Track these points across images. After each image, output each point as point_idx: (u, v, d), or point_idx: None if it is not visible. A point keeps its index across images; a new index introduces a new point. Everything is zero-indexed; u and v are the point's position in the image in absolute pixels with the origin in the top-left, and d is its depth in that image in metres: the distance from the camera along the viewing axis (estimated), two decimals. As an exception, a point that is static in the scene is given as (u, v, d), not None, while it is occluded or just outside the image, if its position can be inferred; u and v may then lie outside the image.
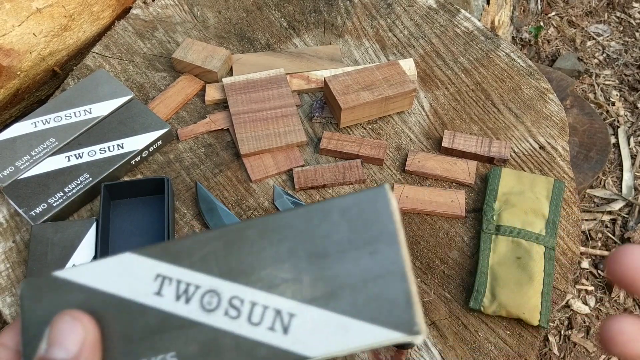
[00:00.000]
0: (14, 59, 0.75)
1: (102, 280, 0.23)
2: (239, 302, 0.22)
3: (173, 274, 0.23)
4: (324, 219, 0.22)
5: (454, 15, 0.84)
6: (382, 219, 0.22)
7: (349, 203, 0.22)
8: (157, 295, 0.23)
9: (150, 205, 0.63)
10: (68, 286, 0.23)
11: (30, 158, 0.65)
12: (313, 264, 0.22)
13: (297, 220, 0.23)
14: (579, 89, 1.54)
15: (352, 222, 0.22)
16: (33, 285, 0.24)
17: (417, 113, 0.73)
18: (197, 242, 0.23)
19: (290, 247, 0.22)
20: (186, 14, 0.85)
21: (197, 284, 0.23)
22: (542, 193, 0.63)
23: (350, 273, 0.22)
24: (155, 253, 0.23)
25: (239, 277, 0.22)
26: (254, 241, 0.23)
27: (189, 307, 0.22)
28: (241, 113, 0.71)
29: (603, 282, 1.22)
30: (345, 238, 0.22)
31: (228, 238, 0.23)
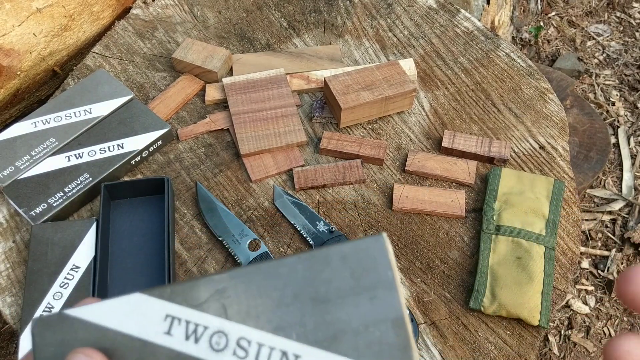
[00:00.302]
0: (14, 59, 0.75)
1: (113, 319, 0.24)
2: (246, 342, 0.23)
3: (182, 314, 0.24)
4: (326, 266, 0.24)
5: (454, 15, 0.84)
6: (380, 266, 0.23)
7: (349, 250, 0.24)
8: (167, 335, 0.24)
9: (150, 205, 0.63)
10: (79, 324, 0.24)
11: (30, 158, 0.65)
12: (316, 308, 0.23)
13: (301, 266, 0.24)
14: (579, 89, 1.54)
15: (352, 268, 0.24)
16: (44, 322, 0.24)
17: (417, 113, 0.73)
18: (204, 284, 0.24)
19: (294, 291, 0.24)
20: (186, 14, 0.85)
21: (206, 325, 0.24)
22: (542, 193, 0.63)
23: (351, 317, 0.23)
24: (164, 294, 0.24)
25: (246, 319, 0.23)
26: (260, 285, 0.24)
27: (198, 346, 0.23)
28: (241, 113, 0.71)
29: (603, 282, 1.21)
30: (346, 284, 0.23)
31: (235, 281, 0.24)
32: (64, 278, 0.56)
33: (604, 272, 1.22)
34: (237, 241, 0.60)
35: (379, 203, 0.65)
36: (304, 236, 0.61)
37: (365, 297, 0.23)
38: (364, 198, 0.65)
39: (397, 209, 0.64)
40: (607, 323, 1.16)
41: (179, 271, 0.60)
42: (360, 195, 0.66)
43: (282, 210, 0.64)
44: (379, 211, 0.64)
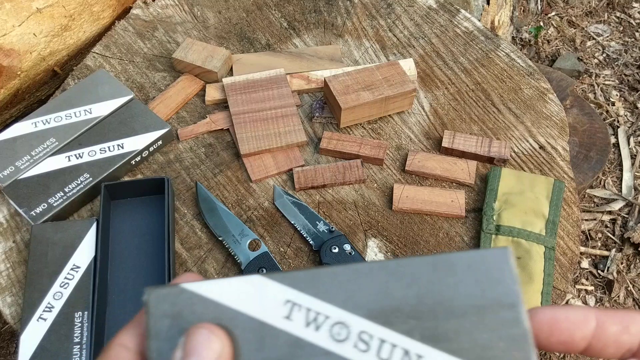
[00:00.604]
0: (14, 59, 0.75)
1: (231, 297, 0.24)
2: (367, 337, 0.23)
3: (302, 301, 0.24)
4: (452, 271, 0.24)
5: (454, 15, 0.84)
6: (507, 279, 0.23)
7: (476, 259, 0.24)
8: (287, 319, 0.24)
9: (151, 205, 0.63)
10: (196, 299, 0.24)
11: (30, 158, 0.65)
12: (440, 311, 0.23)
13: (426, 268, 0.24)
14: (579, 89, 1.54)
15: (478, 278, 0.24)
16: (160, 293, 0.24)
17: (417, 113, 0.73)
18: (327, 274, 0.24)
19: (418, 292, 0.24)
20: (186, 14, 0.85)
21: (327, 314, 0.23)
22: (542, 193, 0.63)
23: (475, 326, 0.23)
24: (285, 279, 0.24)
25: (368, 313, 0.23)
26: (383, 282, 0.24)
27: (319, 334, 0.23)
28: (241, 113, 0.71)
29: (603, 282, 1.22)
30: (471, 292, 0.23)
31: (358, 275, 0.24)
32: (64, 278, 0.56)
33: (604, 272, 1.22)
34: (237, 241, 0.60)
35: (379, 203, 0.65)
36: (304, 236, 0.61)
37: (490, 308, 0.23)
38: (364, 198, 0.65)
39: (397, 209, 0.64)
40: (607, 323, 1.16)
41: (179, 271, 0.60)
42: (360, 195, 0.66)
43: (282, 210, 0.64)
44: (379, 211, 0.64)
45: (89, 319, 0.54)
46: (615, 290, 1.20)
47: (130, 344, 0.24)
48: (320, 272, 0.24)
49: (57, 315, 0.54)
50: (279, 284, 0.24)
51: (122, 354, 0.24)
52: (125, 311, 0.56)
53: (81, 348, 0.52)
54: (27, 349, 0.52)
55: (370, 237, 0.62)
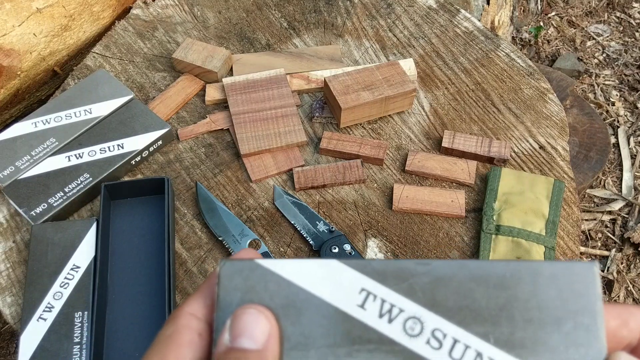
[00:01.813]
0: (14, 59, 0.75)
1: (305, 279, 0.24)
2: (441, 334, 0.23)
3: (378, 292, 0.24)
4: (533, 280, 0.24)
5: (454, 15, 0.84)
6: (590, 294, 0.23)
7: (560, 271, 0.24)
8: (360, 308, 0.23)
9: (151, 205, 0.63)
10: (270, 276, 0.24)
11: (30, 158, 0.65)
12: (518, 318, 0.23)
13: (508, 274, 0.24)
14: (579, 89, 1.54)
15: (561, 289, 0.23)
16: (234, 266, 0.24)
17: (417, 113, 0.73)
18: (405, 267, 0.24)
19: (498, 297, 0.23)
20: (186, 14, 0.85)
21: (401, 308, 0.23)
22: (542, 193, 0.63)
23: (552, 336, 0.23)
24: (362, 267, 0.24)
25: (444, 312, 0.23)
26: (463, 282, 0.24)
27: (392, 327, 0.23)
28: (241, 113, 0.71)
29: (603, 282, 1.22)
30: (552, 302, 0.23)
31: (438, 272, 0.24)
32: (64, 278, 0.56)
33: (604, 272, 1.22)
34: (237, 241, 0.60)
35: (379, 203, 0.65)
36: (304, 236, 0.61)
37: (570, 320, 0.23)
38: (364, 198, 0.65)
39: (397, 209, 0.64)
40: (607, 323, 1.16)
41: (179, 271, 0.60)
42: (360, 195, 0.66)
43: (282, 210, 0.64)
44: (379, 211, 0.64)
45: (89, 319, 0.54)
46: (615, 290, 1.20)
47: (200, 314, 0.24)
48: (400, 264, 0.24)
49: (57, 315, 0.54)
50: (355, 271, 0.24)
51: (193, 323, 0.23)
52: (125, 311, 0.56)
53: (81, 348, 0.52)
54: (27, 349, 0.52)
55: (370, 237, 0.62)
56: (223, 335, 0.22)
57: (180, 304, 0.24)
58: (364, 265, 0.24)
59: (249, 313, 0.23)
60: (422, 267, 0.24)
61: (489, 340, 0.23)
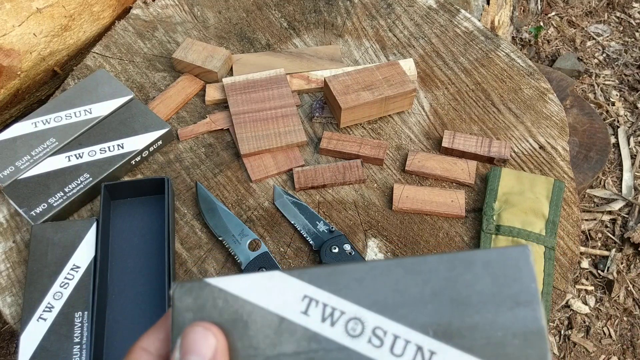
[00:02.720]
0: (14, 59, 0.75)
1: (252, 292, 0.25)
2: (382, 332, 0.23)
3: (319, 297, 0.24)
4: (468, 269, 0.24)
5: (454, 15, 0.84)
6: (524, 277, 0.24)
7: (493, 257, 0.24)
8: (304, 314, 0.24)
9: (150, 205, 0.63)
10: (219, 293, 0.25)
11: (30, 158, 0.65)
12: (455, 309, 0.23)
13: (442, 266, 0.24)
14: (579, 89, 1.54)
15: (495, 276, 0.24)
16: (184, 287, 0.25)
17: (417, 113, 0.73)
18: (344, 271, 0.25)
19: (434, 290, 0.24)
20: (186, 14, 0.85)
21: (342, 310, 0.24)
22: (542, 193, 0.63)
23: (490, 323, 0.23)
24: (303, 275, 0.25)
25: (383, 310, 0.24)
26: (399, 279, 0.24)
27: (334, 329, 0.24)
28: (241, 113, 0.71)
29: (603, 282, 1.22)
30: (488, 290, 0.24)
31: (375, 272, 0.24)
32: (64, 278, 0.56)
33: (604, 272, 1.22)
34: (237, 241, 0.60)
35: (379, 203, 0.65)
36: (304, 236, 0.61)
37: (507, 305, 0.23)
38: (364, 198, 0.65)
39: (397, 209, 0.64)
40: (607, 323, 1.16)
41: (179, 271, 0.60)
42: (360, 195, 0.66)
43: (282, 210, 0.64)
44: (379, 211, 0.64)
45: (89, 319, 0.54)
46: (615, 290, 1.20)
47: (152, 348, 0.25)
48: (337, 269, 0.25)
49: (57, 315, 0.54)
50: (297, 279, 0.25)
51: (144, 358, 0.24)
52: (125, 311, 0.56)
53: (81, 348, 0.52)
54: (27, 349, 0.52)
55: (370, 237, 0.62)
56: (174, 354, 0.23)
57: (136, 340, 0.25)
58: (305, 273, 0.25)
59: (195, 331, 0.23)
60: (360, 269, 0.25)
61: (428, 333, 0.23)
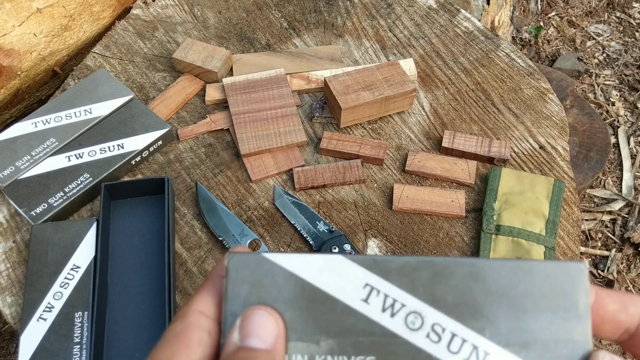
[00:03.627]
0: (14, 59, 0.75)
1: (312, 272, 0.24)
2: (440, 329, 0.24)
3: (381, 287, 0.24)
4: (529, 277, 0.25)
5: (454, 15, 0.84)
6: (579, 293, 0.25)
7: (552, 269, 0.25)
8: (364, 302, 0.24)
9: (151, 205, 0.63)
10: (277, 269, 0.24)
11: (30, 158, 0.65)
12: (512, 314, 0.24)
13: (505, 272, 0.25)
14: (579, 89, 1.54)
15: (552, 287, 0.25)
16: (241, 259, 0.25)
17: (417, 113, 0.73)
18: (407, 264, 0.25)
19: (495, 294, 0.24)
20: (186, 14, 0.85)
21: (403, 303, 0.24)
22: (542, 193, 0.63)
23: (544, 331, 0.24)
24: (366, 263, 0.25)
25: (443, 307, 0.24)
26: (461, 279, 0.25)
27: (394, 321, 0.24)
28: (241, 113, 0.71)
29: (603, 282, 1.22)
30: (544, 300, 0.24)
31: (437, 269, 0.25)
32: (64, 278, 0.56)
33: (604, 272, 1.22)
34: (237, 241, 0.60)
35: (379, 203, 0.65)
36: (304, 236, 0.61)
37: (560, 316, 0.24)
38: (364, 198, 0.65)
39: (397, 209, 0.64)
40: (607, 323, 1.16)
41: (179, 271, 0.60)
42: (360, 195, 0.66)
43: (282, 210, 0.64)
44: (379, 211, 0.64)
45: (89, 319, 0.54)
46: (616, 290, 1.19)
47: (209, 312, 0.24)
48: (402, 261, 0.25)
49: (57, 315, 0.54)
50: (360, 267, 0.25)
51: (203, 321, 0.24)
52: (125, 311, 0.56)
53: (81, 348, 0.52)
54: (27, 349, 0.52)
55: (370, 237, 0.62)
56: (232, 334, 0.23)
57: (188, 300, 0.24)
58: (368, 261, 0.25)
59: (259, 314, 0.23)
60: (423, 264, 0.25)
61: (485, 334, 0.24)
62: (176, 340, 0.23)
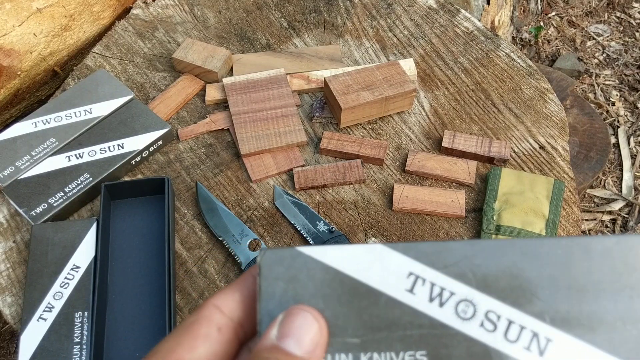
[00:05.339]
0: (14, 59, 0.75)
1: (351, 265, 0.23)
2: (495, 316, 0.22)
3: (427, 275, 0.23)
4: (586, 256, 0.23)
5: (454, 15, 0.84)
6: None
7: (612, 245, 0.23)
8: (409, 293, 0.22)
9: (151, 205, 0.63)
10: (314, 264, 0.23)
11: (30, 158, 0.65)
12: (572, 296, 0.22)
13: (560, 251, 0.23)
14: (579, 89, 1.54)
15: (613, 264, 0.23)
16: (275, 255, 0.23)
17: (417, 113, 0.73)
18: (452, 248, 0.23)
19: (551, 275, 0.23)
20: (186, 14, 0.85)
21: (452, 291, 0.22)
22: (542, 193, 0.63)
23: (608, 311, 0.22)
24: (408, 250, 0.23)
25: (497, 293, 0.22)
26: (514, 261, 0.23)
27: (443, 311, 0.22)
28: (241, 113, 0.71)
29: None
30: (606, 278, 0.22)
31: (486, 252, 0.23)
32: (64, 278, 0.56)
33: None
34: (237, 241, 0.60)
35: (379, 203, 0.65)
36: (304, 236, 0.61)
37: (626, 294, 0.22)
38: (364, 198, 0.65)
39: (397, 209, 0.64)
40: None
41: (179, 271, 0.60)
42: (361, 195, 0.66)
43: (283, 210, 0.64)
44: (379, 211, 0.64)
45: (89, 319, 0.54)
46: None
47: (225, 307, 0.23)
48: (446, 246, 0.23)
49: (57, 315, 0.54)
50: (402, 255, 0.23)
51: (216, 316, 0.23)
52: (125, 311, 0.56)
53: (81, 348, 0.52)
54: (27, 349, 0.52)
55: (370, 237, 0.62)
56: (271, 330, 0.21)
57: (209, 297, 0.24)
58: (410, 248, 0.23)
59: (303, 316, 0.22)
60: (470, 248, 0.23)
61: (545, 319, 0.22)
62: (184, 331, 0.22)
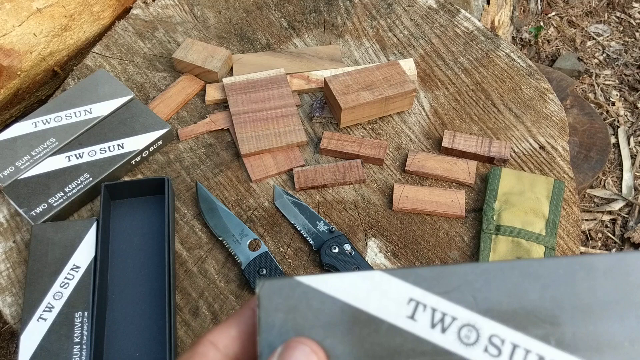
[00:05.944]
0: (14, 59, 0.75)
1: (350, 293, 0.23)
2: (499, 340, 0.22)
3: (427, 300, 0.22)
4: (588, 275, 0.22)
5: (454, 15, 0.84)
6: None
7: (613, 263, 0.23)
8: (410, 319, 0.22)
9: (151, 205, 0.63)
10: (313, 293, 0.23)
11: (30, 158, 0.65)
12: (576, 317, 0.22)
13: (561, 271, 0.22)
14: (579, 89, 1.54)
15: (618, 282, 0.22)
16: (273, 286, 0.23)
17: (417, 113, 0.73)
18: (452, 272, 0.23)
19: (554, 296, 0.22)
20: (186, 14, 0.85)
21: (454, 316, 0.22)
22: (542, 193, 0.63)
23: (615, 332, 0.22)
24: (407, 276, 0.23)
25: (500, 317, 0.22)
26: (516, 283, 0.22)
27: (445, 337, 0.22)
28: (241, 113, 0.71)
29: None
30: (611, 297, 0.22)
31: (486, 275, 0.23)
32: (64, 278, 0.56)
33: None
34: (237, 241, 0.60)
35: (379, 203, 0.65)
36: (304, 236, 0.61)
37: (632, 313, 0.22)
38: (364, 198, 0.65)
39: (397, 209, 0.64)
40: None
41: (179, 271, 0.60)
42: (361, 195, 0.66)
43: (282, 210, 0.64)
44: (379, 211, 0.64)
45: (89, 319, 0.54)
46: None
47: (220, 343, 0.23)
48: (446, 270, 0.23)
49: (57, 315, 0.54)
50: (401, 281, 0.23)
51: (210, 352, 0.22)
52: (125, 311, 0.56)
53: (81, 348, 0.52)
54: (27, 349, 0.52)
55: (370, 237, 0.62)
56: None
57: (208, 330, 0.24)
58: (410, 273, 0.23)
59: (301, 349, 0.21)
60: (470, 271, 0.23)
61: (550, 342, 0.21)
62: None
